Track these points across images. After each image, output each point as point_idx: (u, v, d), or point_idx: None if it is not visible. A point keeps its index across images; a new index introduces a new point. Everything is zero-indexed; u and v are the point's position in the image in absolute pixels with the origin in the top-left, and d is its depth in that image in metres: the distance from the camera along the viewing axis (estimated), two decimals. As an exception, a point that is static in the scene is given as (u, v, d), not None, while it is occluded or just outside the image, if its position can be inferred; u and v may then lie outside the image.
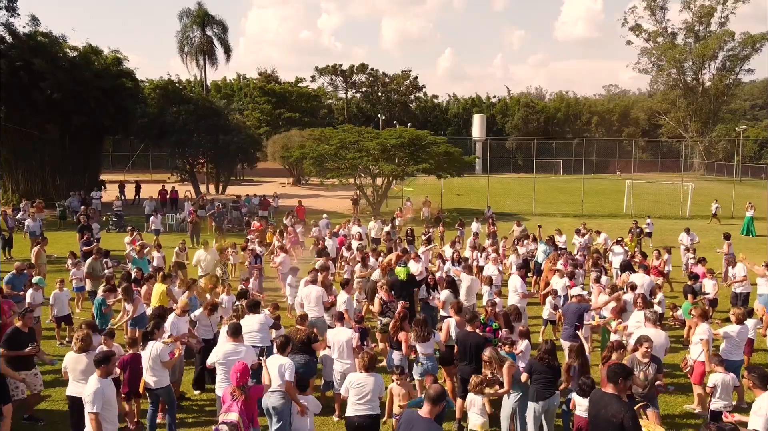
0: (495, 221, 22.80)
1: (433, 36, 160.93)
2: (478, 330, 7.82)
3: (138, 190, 33.86)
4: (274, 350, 6.97)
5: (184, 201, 26.09)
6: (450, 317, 8.49)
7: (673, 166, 72.01)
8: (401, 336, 7.93)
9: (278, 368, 6.48)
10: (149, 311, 9.36)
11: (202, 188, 37.06)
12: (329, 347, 7.81)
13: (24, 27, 29.78)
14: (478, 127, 70.55)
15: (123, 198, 34.24)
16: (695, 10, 70.05)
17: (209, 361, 6.97)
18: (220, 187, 39.46)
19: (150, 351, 7.08)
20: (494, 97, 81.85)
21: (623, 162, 72.49)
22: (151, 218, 21.06)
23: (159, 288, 9.90)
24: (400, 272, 11.14)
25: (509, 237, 19.03)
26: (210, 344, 8.38)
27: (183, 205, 25.67)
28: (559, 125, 77.46)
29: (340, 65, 74.54)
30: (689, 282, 11.50)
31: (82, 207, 23.02)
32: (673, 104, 74.09)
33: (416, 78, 77.59)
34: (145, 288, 10.43)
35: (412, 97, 78.82)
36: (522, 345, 7.98)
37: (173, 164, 30.40)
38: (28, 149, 29.69)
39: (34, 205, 23.82)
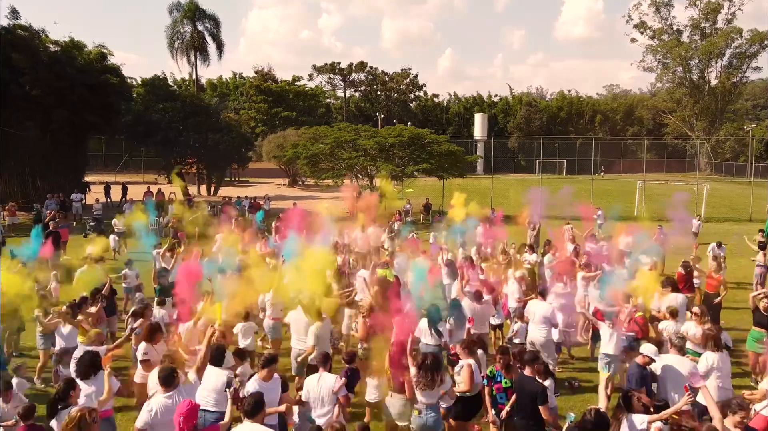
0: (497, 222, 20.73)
1: (433, 36, 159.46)
2: (537, 377, 6.31)
3: (124, 191, 32.24)
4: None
5: (168, 203, 24.51)
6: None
7: (678, 166, 70.60)
8: (407, 379, 6.26)
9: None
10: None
11: (193, 189, 35.45)
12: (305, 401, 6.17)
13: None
14: (479, 126, 69.15)
15: (108, 200, 32.67)
16: (701, 6, 68.52)
17: (137, 425, 5.32)
18: (212, 188, 37.88)
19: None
20: (495, 95, 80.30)
21: (627, 162, 71.07)
22: (114, 221, 19.41)
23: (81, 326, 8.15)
24: (386, 274, 10.32)
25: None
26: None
27: (169, 208, 24.03)
28: (562, 124, 75.89)
29: (338, 63, 73.11)
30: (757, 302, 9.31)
31: (47, 211, 21.42)
32: (679, 103, 72.54)
33: (416, 76, 76.09)
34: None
35: (412, 96, 77.23)
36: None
37: (161, 165, 28.73)
38: (7, 148, 28.11)
39: (6, 208, 22.25)
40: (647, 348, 6.63)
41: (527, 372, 6.25)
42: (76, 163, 29.86)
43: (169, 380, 5.39)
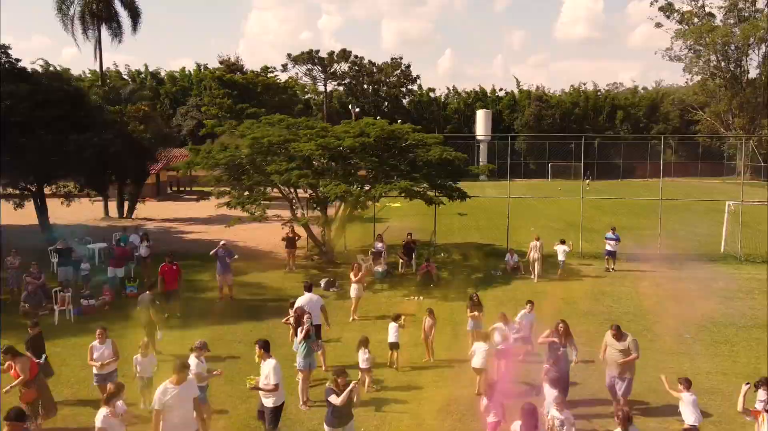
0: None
1: (433, 37, 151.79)
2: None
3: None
4: None
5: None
6: None
7: (713, 169, 61.22)
8: None
9: None
10: None
11: (94, 210, 25.46)
12: None
13: None
14: (482, 124, 59.50)
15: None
16: (739, -16, 58.66)
17: None
18: (125, 209, 27.92)
19: None
20: (501, 90, 69.83)
21: (653, 164, 61.41)
22: None
23: None
24: None
25: None
26: None
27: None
28: (578, 122, 65.84)
29: (317, 51, 62.87)
30: None
31: None
32: (713, 96, 62.66)
33: (408, 67, 65.79)
34: None
35: (404, 90, 66.97)
36: None
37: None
38: None
39: None
40: None
41: None
42: None
43: None
